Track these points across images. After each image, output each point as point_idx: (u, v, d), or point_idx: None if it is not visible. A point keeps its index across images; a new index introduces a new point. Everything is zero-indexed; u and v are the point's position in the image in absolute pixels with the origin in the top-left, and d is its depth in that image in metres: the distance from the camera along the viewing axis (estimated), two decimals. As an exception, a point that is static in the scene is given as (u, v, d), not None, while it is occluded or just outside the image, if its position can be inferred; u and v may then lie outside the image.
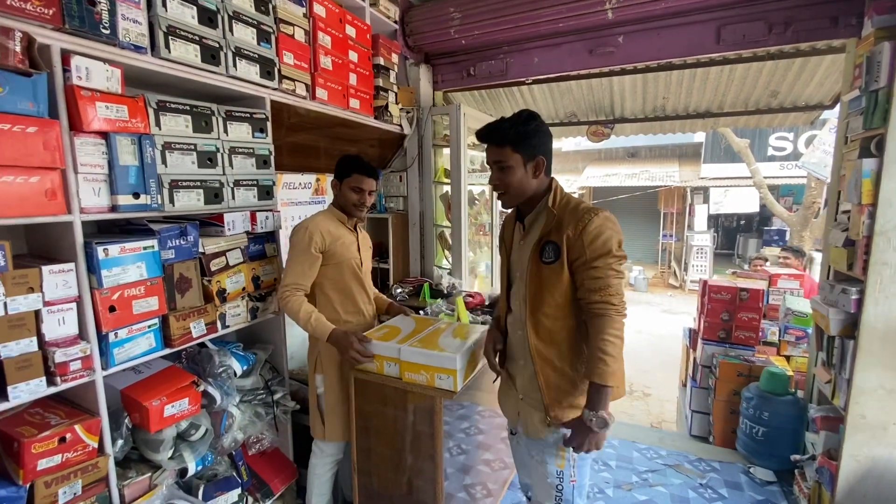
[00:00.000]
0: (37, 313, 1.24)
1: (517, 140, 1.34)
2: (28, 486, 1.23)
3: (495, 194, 1.61)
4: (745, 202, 10.43)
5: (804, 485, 2.25)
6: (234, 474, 1.84)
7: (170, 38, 1.47)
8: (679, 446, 2.86)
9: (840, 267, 2.07)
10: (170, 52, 1.47)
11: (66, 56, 1.24)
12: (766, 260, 4.74)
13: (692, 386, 3.19)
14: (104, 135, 1.33)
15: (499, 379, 1.62)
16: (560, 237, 1.31)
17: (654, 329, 7.40)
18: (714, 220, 11.60)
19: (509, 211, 1.55)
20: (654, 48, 2.52)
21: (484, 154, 3.64)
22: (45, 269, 1.24)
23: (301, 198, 2.56)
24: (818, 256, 4.03)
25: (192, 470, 1.61)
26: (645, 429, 3.52)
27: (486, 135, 1.40)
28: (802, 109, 3.43)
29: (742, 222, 12.92)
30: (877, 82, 1.79)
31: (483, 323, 2.23)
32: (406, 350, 1.62)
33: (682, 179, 10.87)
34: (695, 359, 3.28)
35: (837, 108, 3.28)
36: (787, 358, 3.06)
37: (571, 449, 1.36)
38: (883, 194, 1.80)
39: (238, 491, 1.81)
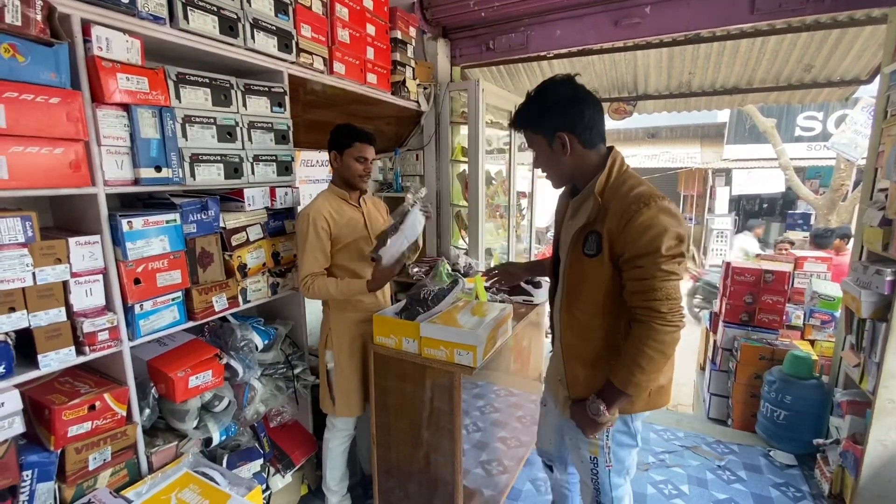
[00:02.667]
0: (65, 284, 1.26)
1: (529, 121, 1.25)
2: (59, 451, 1.27)
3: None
4: (768, 183, 10.10)
5: (826, 469, 2.22)
6: (257, 445, 1.88)
7: (188, 8, 1.45)
8: (697, 428, 2.84)
9: (875, 248, 1.99)
10: (188, 23, 1.45)
11: (86, 26, 1.23)
12: (793, 243, 4.61)
13: (711, 369, 3.15)
14: (125, 107, 1.33)
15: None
16: (603, 228, 1.16)
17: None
18: (736, 204, 11.29)
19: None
20: (683, 19, 2.41)
21: (501, 133, 3.55)
22: (72, 240, 1.26)
23: (318, 175, 2.55)
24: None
25: (216, 440, 1.64)
26: (661, 411, 3.50)
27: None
28: (837, 85, 3.27)
29: (765, 206, 12.55)
30: (924, 51, 1.69)
31: (501, 301, 2.21)
32: (426, 326, 1.62)
33: (704, 161, 10.58)
34: (715, 342, 3.23)
35: (873, 83, 3.13)
36: (812, 342, 3.00)
37: (605, 437, 1.30)
38: (926, 171, 1.71)
39: (260, 461, 1.85)
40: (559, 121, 1.20)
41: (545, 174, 1.33)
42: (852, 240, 3.49)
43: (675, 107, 4.01)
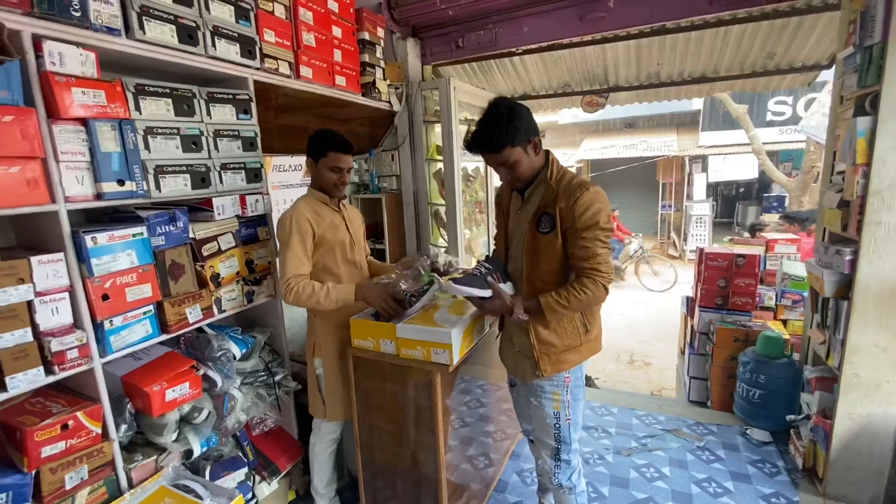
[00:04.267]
0: (29, 304, 1.24)
1: (511, 137, 1.39)
2: (34, 473, 1.26)
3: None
4: (743, 169, 10.35)
5: (799, 444, 2.30)
6: (240, 454, 1.88)
7: (143, 18, 1.43)
8: (677, 412, 2.91)
9: (834, 228, 2.06)
10: (144, 33, 1.44)
11: (37, 41, 1.21)
12: (767, 225, 4.73)
13: (690, 353, 3.23)
14: (83, 121, 1.31)
15: (499, 337, 1.81)
16: (555, 209, 1.43)
17: (653, 300, 7.44)
18: (713, 189, 11.52)
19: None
20: (645, 12, 2.46)
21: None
22: (34, 259, 1.24)
23: (292, 180, 2.54)
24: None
25: (196, 451, 1.64)
26: (644, 396, 3.58)
27: (478, 147, 1.45)
28: (800, 70, 3.35)
29: (741, 190, 12.84)
30: (871, 38, 1.75)
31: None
32: (402, 327, 1.63)
33: (681, 149, 10.74)
34: (692, 326, 3.31)
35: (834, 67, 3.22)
36: (784, 322, 3.09)
37: (565, 392, 1.57)
38: (877, 153, 1.78)
39: (245, 470, 1.85)
40: (530, 128, 1.44)
41: (518, 179, 1.49)
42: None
43: (645, 97, 4.06)
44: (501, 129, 1.38)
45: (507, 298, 1.49)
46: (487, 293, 1.48)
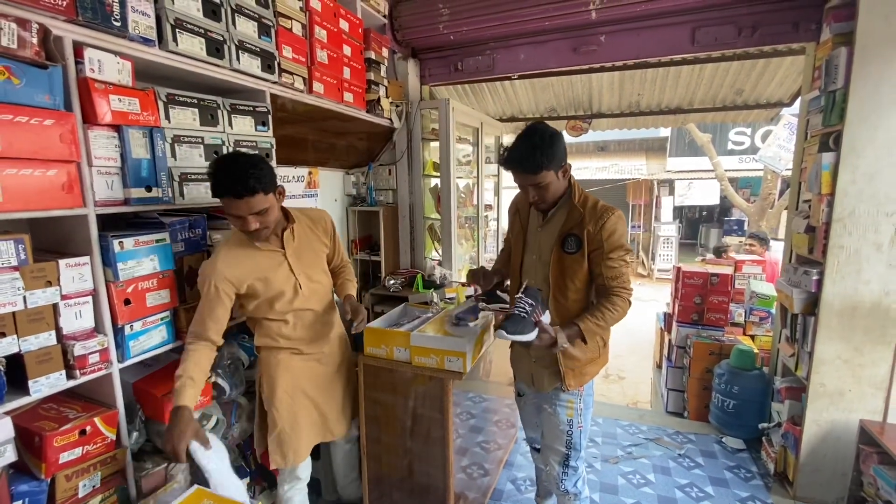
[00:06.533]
0: (54, 307, 1.24)
1: (550, 162, 1.45)
2: (49, 480, 1.24)
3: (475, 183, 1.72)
4: (707, 195, 11.00)
5: (771, 450, 2.47)
6: (243, 464, 1.87)
7: (177, 30, 1.47)
8: (657, 422, 3.06)
9: (802, 251, 2.27)
10: (177, 44, 1.48)
11: (77, 48, 1.24)
12: (729, 246, 5.05)
13: (668, 366, 3.40)
14: (116, 128, 1.33)
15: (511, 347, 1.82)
16: (581, 231, 1.51)
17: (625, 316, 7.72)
18: (679, 212, 12.13)
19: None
20: (633, 48, 2.66)
21: (470, 147, 3.68)
22: (62, 262, 1.24)
23: (295, 191, 2.56)
24: (775, 244, 4.36)
25: (205, 460, 1.62)
26: (625, 408, 3.72)
27: (518, 166, 1.48)
28: (764, 107, 3.67)
29: (704, 213, 13.56)
30: (834, 83, 1.98)
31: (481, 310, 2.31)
32: (416, 336, 1.69)
33: (650, 172, 11.30)
34: (670, 340, 3.49)
35: (794, 105, 3.55)
36: (752, 337, 3.31)
37: (578, 400, 1.64)
38: (840, 185, 2.00)
39: (246, 480, 1.84)
40: (564, 154, 1.51)
41: (544, 201, 1.55)
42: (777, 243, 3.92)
43: (625, 124, 4.33)
44: (543, 154, 1.43)
45: (552, 332, 1.44)
46: (535, 335, 1.43)
